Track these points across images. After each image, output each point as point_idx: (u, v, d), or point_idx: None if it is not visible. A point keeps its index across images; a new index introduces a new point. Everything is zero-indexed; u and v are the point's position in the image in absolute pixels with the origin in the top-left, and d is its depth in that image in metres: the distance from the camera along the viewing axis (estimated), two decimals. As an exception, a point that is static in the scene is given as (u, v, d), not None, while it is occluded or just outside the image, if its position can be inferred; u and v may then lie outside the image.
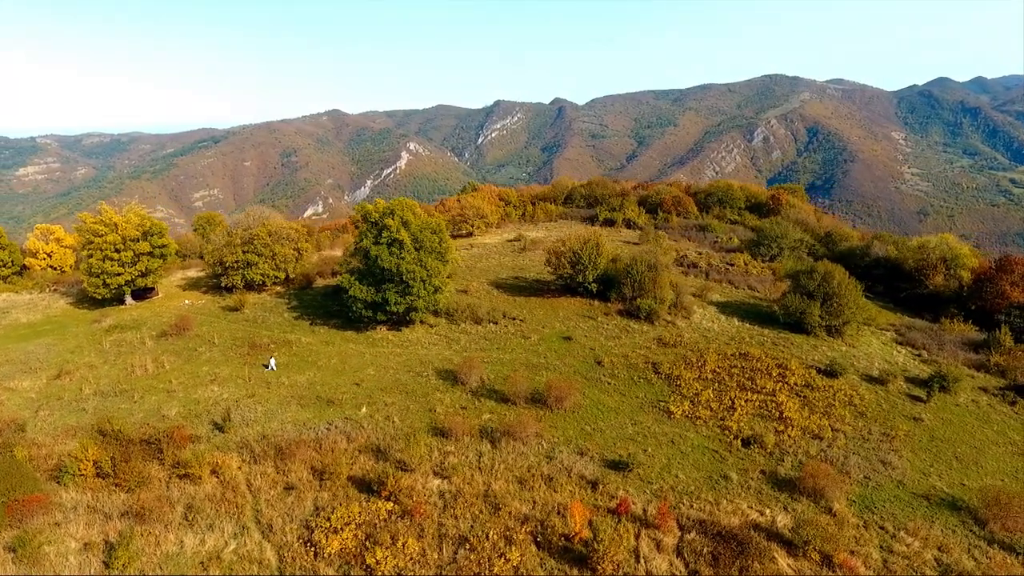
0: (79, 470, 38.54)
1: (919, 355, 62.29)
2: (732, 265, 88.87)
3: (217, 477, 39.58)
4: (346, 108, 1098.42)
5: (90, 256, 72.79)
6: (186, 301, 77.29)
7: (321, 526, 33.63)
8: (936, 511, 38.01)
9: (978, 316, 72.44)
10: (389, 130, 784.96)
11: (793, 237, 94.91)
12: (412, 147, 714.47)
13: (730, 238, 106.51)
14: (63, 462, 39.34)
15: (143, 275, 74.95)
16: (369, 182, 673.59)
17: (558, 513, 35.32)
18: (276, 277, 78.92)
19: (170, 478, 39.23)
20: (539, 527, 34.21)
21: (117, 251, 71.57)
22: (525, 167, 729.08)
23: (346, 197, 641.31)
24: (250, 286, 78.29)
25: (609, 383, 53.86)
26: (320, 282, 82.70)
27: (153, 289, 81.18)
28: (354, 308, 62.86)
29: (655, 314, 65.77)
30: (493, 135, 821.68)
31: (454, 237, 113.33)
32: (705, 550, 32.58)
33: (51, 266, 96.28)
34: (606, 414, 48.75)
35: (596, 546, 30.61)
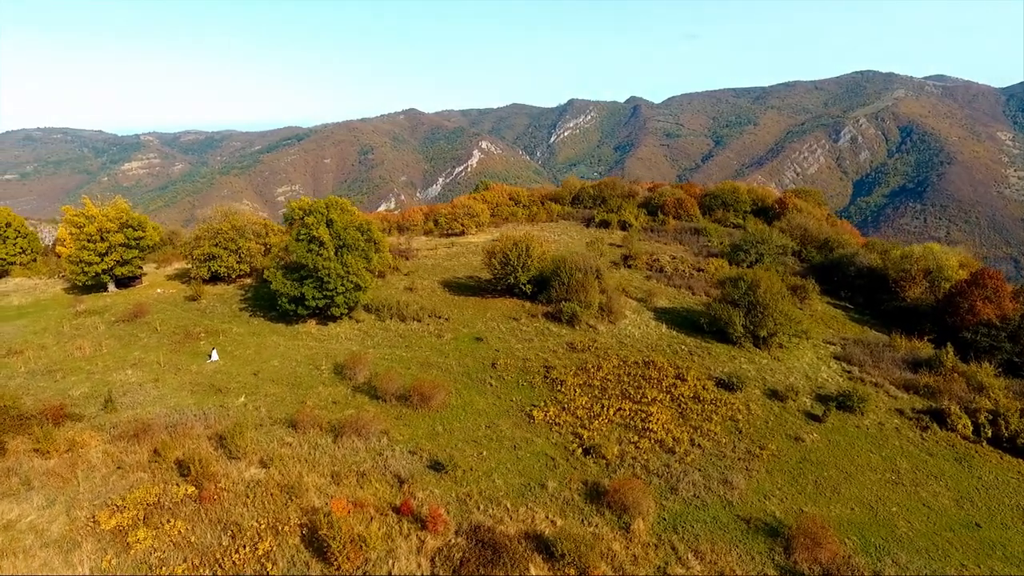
0: (-53, 440, 42.58)
1: (850, 372, 58.21)
2: (701, 270, 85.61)
3: (70, 454, 42.65)
4: (422, 107, 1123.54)
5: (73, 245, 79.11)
6: (158, 290, 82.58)
7: (114, 504, 35.82)
8: (749, 536, 35.92)
9: (952, 332, 66.83)
10: (462, 129, 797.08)
11: (776, 243, 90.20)
12: (484, 146, 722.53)
13: (722, 242, 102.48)
14: (-55, 433, 43.50)
15: (121, 264, 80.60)
16: (441, 180, 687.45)
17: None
18: (241, 270, 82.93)
19: (25, 452, 42.65)
20: (319, 520, 34.94)
21: (92, 241, 77.40)
22: (596, 166, 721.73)
23: (418, 195, 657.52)
24: (218, 277, 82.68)
25: (492, 385, 53.63)
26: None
27: (138, 277, 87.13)
28: (280, 302, 65.38)
29: (577, 318, 64.60)
30: (565, 134, 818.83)
31: (446, 235, 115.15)
32: (457, 555, 32.39)
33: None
34: (469, 415, 48.68)
35: (330, 543, 31.12)
